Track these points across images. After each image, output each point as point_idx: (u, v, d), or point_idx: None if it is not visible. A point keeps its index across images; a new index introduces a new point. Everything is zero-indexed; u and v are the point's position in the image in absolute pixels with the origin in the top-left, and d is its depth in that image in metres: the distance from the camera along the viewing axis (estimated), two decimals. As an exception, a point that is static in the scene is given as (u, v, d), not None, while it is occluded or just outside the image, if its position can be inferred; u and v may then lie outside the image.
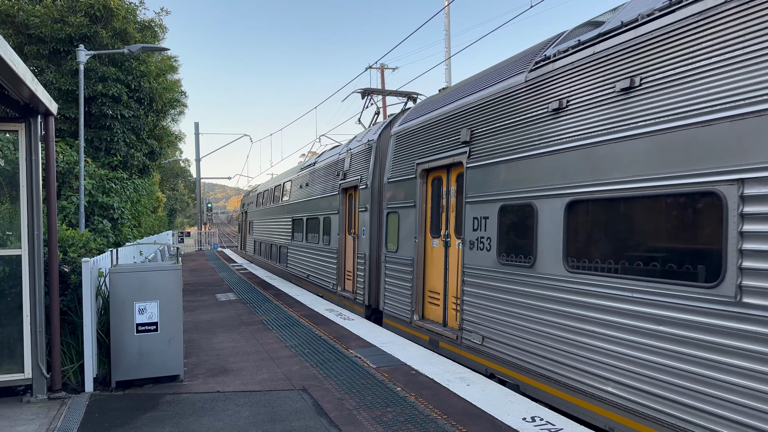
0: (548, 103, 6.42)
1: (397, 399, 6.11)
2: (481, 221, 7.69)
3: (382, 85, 29.61)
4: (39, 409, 5.94)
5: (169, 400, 6.21)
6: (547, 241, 6.29)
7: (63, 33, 19.35)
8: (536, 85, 6.70)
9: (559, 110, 6.23)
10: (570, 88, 6.11)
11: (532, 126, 6.66)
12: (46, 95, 5.93)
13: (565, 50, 6.37)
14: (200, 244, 43.30)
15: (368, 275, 11.81)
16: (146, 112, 21.90)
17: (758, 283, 4.06)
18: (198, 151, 42.49)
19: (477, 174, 7.78)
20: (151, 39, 22.53)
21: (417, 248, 9.57)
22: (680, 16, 4.87)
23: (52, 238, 6.41)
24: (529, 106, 6.77)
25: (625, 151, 5.30)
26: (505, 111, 7.24)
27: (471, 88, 8.45)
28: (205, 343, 9.07)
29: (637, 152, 5.16)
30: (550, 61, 6.55)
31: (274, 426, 5.39)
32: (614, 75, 5.52)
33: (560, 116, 6.22)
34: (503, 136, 7.23)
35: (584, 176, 5.79)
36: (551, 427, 5.21)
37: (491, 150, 7.47)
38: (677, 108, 4.80)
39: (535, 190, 6.53)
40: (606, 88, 5.62)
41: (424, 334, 9.20)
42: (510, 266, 6.97)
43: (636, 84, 5.23)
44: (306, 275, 16.95)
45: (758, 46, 4.22)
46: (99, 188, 13.41)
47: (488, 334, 7.37)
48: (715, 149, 4.42)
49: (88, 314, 6.49)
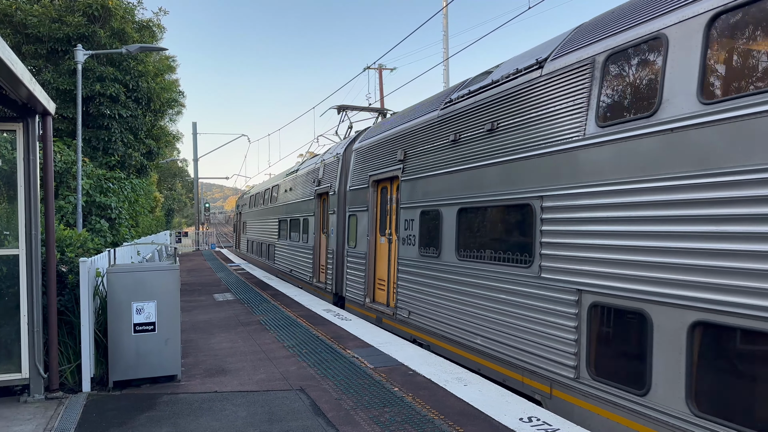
0: (448, 135, 8.58)
1: (395, 399, 6.12)
2: (409, 222, 9.77)
3: (380, 86, 29.66)
4: (36, 409, 5.94)
5: (167, 400, 6.21)
6: (447, 238, 8.46)
7: (61, 32, 19.31)
8: (443, 121, 8.83)
9: (455, 141, 8.39)
10: (460, 126, 8.29)
11: (440, 152, 8.83)
12: (44, 95, 5.93)
13: (457, 97, 8.55)
14: (198, 244, 43.25)
15: (335, 267, 13.86)
16: (144, 111, 21.87)
17: (548, 264, 6.25)
18: (196, 150, 42.47)
19: (407, 186, 9.89)
20: (149, 39, 22.49)
21: (369, 244, 11.68)
22: (513, 84, 7.17)
23: (50, 237, 6.41)
24: (439, 136, 8.91)
25: (488, 174, 7.50)
26: (425, 138, 9.41)
27: (406, 117, 10.58)
28: (203, 343, 9.07)
29: (493, 175, 7.38)
30: (452, 103, 8.68)
31: (271, 426, 5.40)
32: (483, 119, 7.73)
33: (455, 146, 8.38)
34: (423, 158, 9.41)
35: (467, 191, 7.96)
36: (548, 428, 5.22)
37: (416, 168, 9.63)
38: (513, 146, 7.02)
39: (441, 199, 8.67)
40: (479, 128, 7.81)
41: (373, 313, 11.35)
42: (426, 257, 9.12)
43: (495, 127, 7.44)
44: (289, 270, 19.02)
45: (545, 110, 6.50)
46: (96, 188, 13.39)
47: (412, 309, 9.50)
48: (530, 176, 6.65)
49: (85, 314, 6.49)
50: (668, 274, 4.82)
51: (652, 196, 5.02)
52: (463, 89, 8.62)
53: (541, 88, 6.63)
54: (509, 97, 7.21)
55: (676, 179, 4.80)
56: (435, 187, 8.91)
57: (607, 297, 5.46)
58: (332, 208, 14.15)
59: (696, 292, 4.58)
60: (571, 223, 5.98)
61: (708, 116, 4.53)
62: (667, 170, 4.89)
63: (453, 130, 8.46)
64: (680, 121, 4.78)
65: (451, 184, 8.41)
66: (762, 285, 4.07)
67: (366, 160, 12.09)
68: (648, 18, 5.35)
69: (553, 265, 6.18)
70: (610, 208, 5.48)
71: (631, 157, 5.24)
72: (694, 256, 4.62)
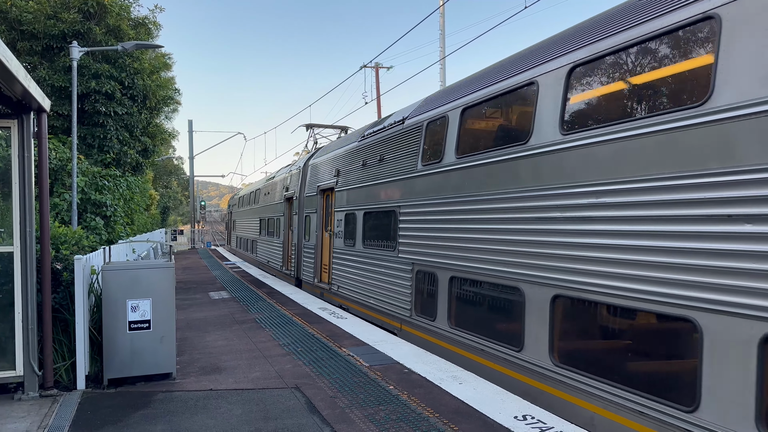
0: (360, 161, 12.05)
1: (390, 397, 6.13)
2: (339, 222, 13.22)
3: (377, 84, 29.67)
4: (30, 406, 5.92)
5: (162, 398, 6.21)
6: (358, 233, 11.84)
7: (56, 29, 19.25)
8: (358, 150, 12.33)
9: (363, 165, 11.85)
10: (366, 155, 11.82)
11: (357, 172, 12.25)
12: (39, 92, 5.91)
13: (366, 135, 12.09)
14: (193, 243, 43.17)
15: (297, 257, 17.43)
16: (140, 109, 21.83)
17: (401, 247, 9.78)
18: (191, 148, 42.38)
19: (339, 195, 13.42)
20: (145, 36, 22.45)
21: (318, 239, 15.09)
22: (390, 131, 10.69)
23: (45, 235, 6.39)
24: (357, 160, 12.34)
25: (375, 190, 11.09)
26: (349, 161, 12.91)
27: (341, 143, 14.40)
28: (198, 341, 9.06)
29: (378, 191, 10.95)
30: (363, 138, 12.21)
31: (266, 424, 5.40)
32: (377, 152, 11.21)
33: (364, 168, 11.82)
34: (348, 175, 12.86)
35: (367, 200, 11.51)
36: (542, 426, 5.24)
37: (344, 182, 13.09)
38: (390, 172, 10.43)
39: (356, 205, 12.09)
40: (375, 158, 11.28)
41: (318, 290, 14.70)
42: (347, 247, 12.51)
43: (382, 158, 10.84)
44: (267, 261, 22.72)
45: (404, 150, 9.91)
46: (92, 185, 13.35)
47: (341, 285, 12.88)
48: (393, 194, 10.18)
49: (80, 312, 6.47)
50: (460, 254, 7.95)
51: (450, 207, 8.26)
52: (371, 129, 12.12)
53: (402, 136, 10.06)
54: (389, 139, 10.71)
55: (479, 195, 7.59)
56: (353, 197, 12.42)
57: (421, 265, 9.09)
58: (296, 209, 17.77)
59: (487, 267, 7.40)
60: (412, 223, 9.43)
61: (567, 143, 5.91)
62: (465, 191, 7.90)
63: (362, 157, 11.97)
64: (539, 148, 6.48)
65: (360, 195, 11.90)
66: (595, 268, 5.47)
67: (316, 173, 15.63)
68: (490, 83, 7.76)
69: (403, 248, 9.68)
70: (430, 213, 8.79)
71: (438, 183, 8.64)
72: (523, 244, 6.61)
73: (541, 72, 6.48)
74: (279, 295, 14.24)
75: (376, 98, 29.34)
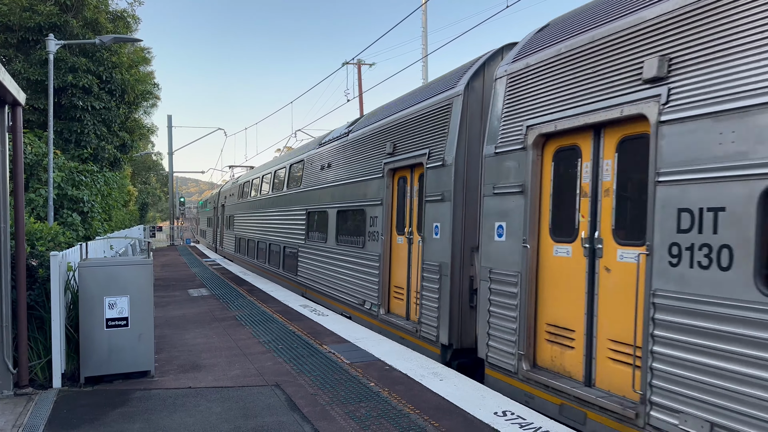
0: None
1: (371, 394, 6.14)
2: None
3: (359, 81, 29.57)
4: (5, 405, 5.82)
5: (140, 396, 6.14)
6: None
7: (32, 22, 18.87)
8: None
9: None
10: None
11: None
12: (13, 85, 5.79)
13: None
14: (173, 239, 42.72)
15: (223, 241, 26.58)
16: (118, 104, 21.50)
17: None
18: (171, 144, 41.89)
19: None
20: (124, 30, 22.10)
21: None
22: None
23: (20, 231, 6.27)
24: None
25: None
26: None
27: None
28: (177, 338, 8.97)
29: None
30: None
31: (246, 422, 5.37)
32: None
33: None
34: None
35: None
36: (522, 422, 5.29)
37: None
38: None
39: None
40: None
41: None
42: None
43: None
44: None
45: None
46: (68, 181, 13.13)
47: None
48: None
49: (56, 309, 6.37)
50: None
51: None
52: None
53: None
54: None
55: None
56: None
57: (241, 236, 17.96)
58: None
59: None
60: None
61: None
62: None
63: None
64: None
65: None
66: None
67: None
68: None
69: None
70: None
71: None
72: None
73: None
74: (259, 293, 14.16)
75: (359, 95, 29.27)
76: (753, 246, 3.93)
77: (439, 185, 8.05)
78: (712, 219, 4.23)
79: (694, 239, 4.36)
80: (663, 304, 4.57)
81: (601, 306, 5.42)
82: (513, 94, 6.70)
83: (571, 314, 5.78)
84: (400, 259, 9.54)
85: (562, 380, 5.73)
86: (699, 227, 4.32)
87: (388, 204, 9.84)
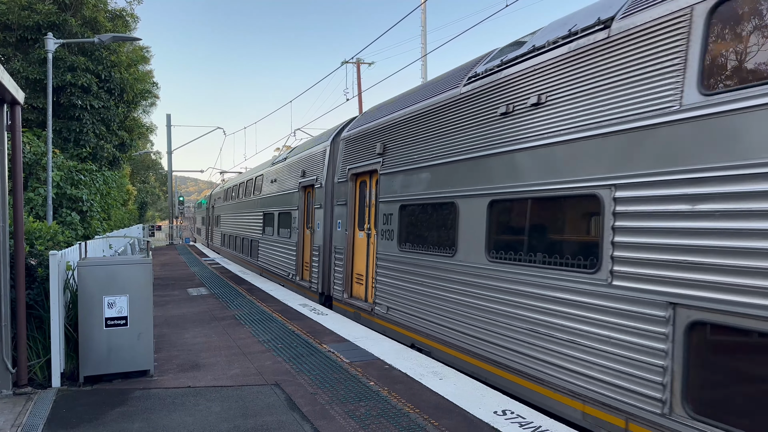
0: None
1: (370, 393, 6.14)
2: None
3: (358, 80, 29.54)
4: (4, 404, 5.81)
5: (139, 395, 6.13)
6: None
7: (31, 20, 18.83)
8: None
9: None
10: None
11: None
12: (12, 84, 5.78)
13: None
14: (172, 238, 42.69)
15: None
16: (117, 103, 21.47)
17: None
18: (170, 143, 41.80)
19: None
20: (122, 28, 22.06)
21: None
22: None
23: (19, 230, 6.26)
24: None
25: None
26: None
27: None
28: (176, 338, 8.97)
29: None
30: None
31: (245, 421, 5.36)
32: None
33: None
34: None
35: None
36: (522, 420, 5.29)
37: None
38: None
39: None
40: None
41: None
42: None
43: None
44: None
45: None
46: (67, 180, 13.10)
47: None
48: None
49: (55, 308, 6.36)
50: None
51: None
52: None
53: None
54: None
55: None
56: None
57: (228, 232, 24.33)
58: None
59: None
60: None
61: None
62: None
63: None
64: None
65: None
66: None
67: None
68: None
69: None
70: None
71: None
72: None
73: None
74: (259, 292, 14.15)
75: (358, 95, 29.25)
76: (397, 228, 9.23)
77: (319, 198, 13.08)
78: (390, 218, 9.46)
79: (386, 227, 9.59)
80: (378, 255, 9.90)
81: (370, 260, 10.62)
82: (347, 149, 11.64)
83: (364, 267, 10.94)
84: (306, 245, 14.47)
85: (359, 301, 10.94)
86: (386, 221, 9.55)
87: (302, 208, 14.79)
